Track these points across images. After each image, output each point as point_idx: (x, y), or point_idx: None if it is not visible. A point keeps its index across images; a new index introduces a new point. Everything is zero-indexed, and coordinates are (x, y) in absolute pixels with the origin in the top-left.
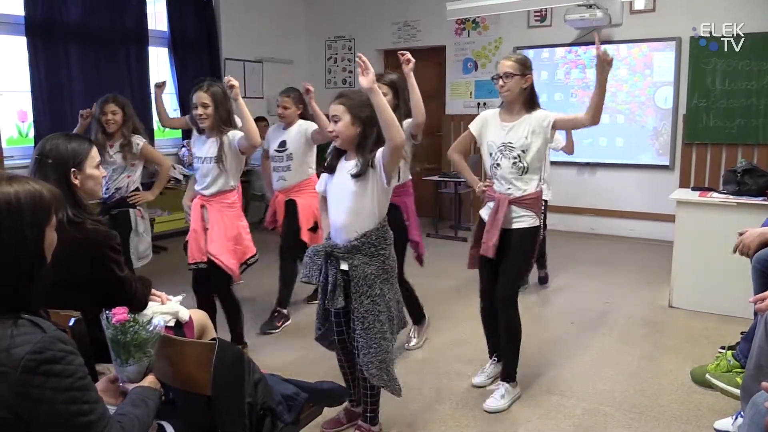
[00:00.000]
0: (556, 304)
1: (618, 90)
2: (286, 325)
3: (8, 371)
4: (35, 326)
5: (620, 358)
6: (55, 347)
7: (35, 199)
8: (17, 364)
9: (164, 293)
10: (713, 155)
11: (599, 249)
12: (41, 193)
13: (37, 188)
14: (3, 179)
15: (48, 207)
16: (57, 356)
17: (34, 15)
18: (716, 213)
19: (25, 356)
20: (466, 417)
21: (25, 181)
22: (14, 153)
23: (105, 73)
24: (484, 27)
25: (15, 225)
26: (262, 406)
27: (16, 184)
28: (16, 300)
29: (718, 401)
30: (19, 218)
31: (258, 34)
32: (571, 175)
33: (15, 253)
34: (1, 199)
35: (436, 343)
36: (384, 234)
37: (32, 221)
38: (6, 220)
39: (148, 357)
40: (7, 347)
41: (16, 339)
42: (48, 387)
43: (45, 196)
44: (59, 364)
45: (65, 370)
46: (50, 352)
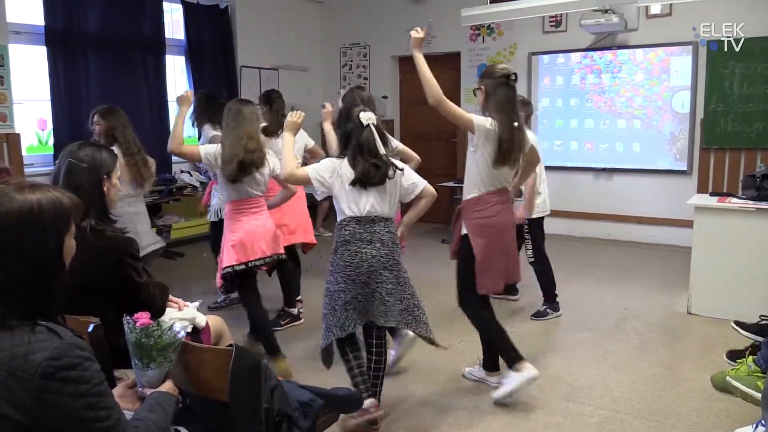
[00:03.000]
0: (572, 311)
1: (635, 95)
2: (294, 325)
3: (26, 377)
4: (52, 333)
5: (638, 365)
6: (72, 354)
7: (56, 207)
8: (35, 370)
9: (181, 299)
10: (732, 160)
11: (616, 255)
12: (62, 201)
13: (58, 196)
14: (25, 187)
15: (68, 215)
16: (74, 362)
17: (54, 25)
18: (735, 219)
19: (43, 363)
20: (483, 422)
21: (46, 189)
22: (34, 161)
23: (123, 81)
24: (498, 33)
25: (36, 233)
26: (279, 413)
27: (38, 192)
28: (35, 307)
29: (738, 409)
30: (40, 226)
31: (273, 41)
32: (588, 180)
33: (35, 261)
34: (23, 206)
35: (455, 351)
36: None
37: (53, 229)
38: (28, 228)
39: (168, 362)
40: (25, 354)
41: (33, 345)
42: (65, 393)
43: (65, 204)
44: (76, 371)
45: (82, 376)
46: (67, 358)
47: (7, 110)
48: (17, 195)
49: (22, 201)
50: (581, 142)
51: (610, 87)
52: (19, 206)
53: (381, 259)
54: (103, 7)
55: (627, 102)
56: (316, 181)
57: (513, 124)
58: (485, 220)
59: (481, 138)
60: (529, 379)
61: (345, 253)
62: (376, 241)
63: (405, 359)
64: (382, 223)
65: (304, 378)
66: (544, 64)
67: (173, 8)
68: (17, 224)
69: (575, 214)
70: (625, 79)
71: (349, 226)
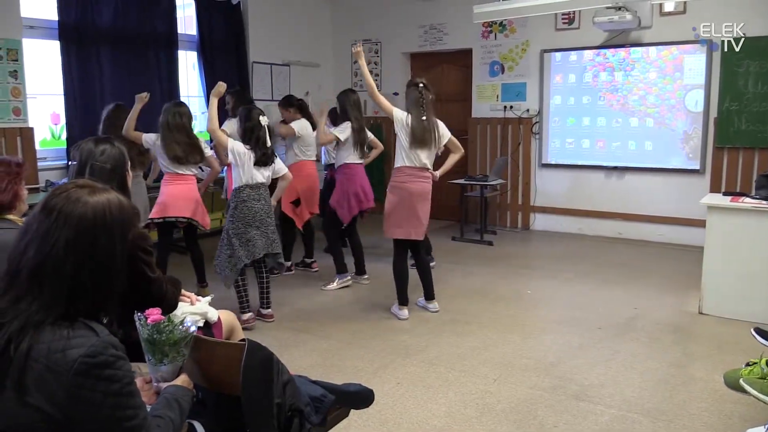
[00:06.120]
0: (583, 309)
1: (647, 93)
2: (285, 275)
3: (61, 372)
4: (90, 329)
5: (649, 365)
6: (107, 352)
7: (121, 209)
8: (70, 366)
9: (193, 294)
10: (745, 159)
11: (627, 254)
12: (124, 203)
13: (120, 198)
14: (96, 189)
15: (131, 217)
16: (108, 361)
17: (67, 20)
18: (748, 218)
19: (78, 359)
20: (492, 421)
21: (109, 191)
22: (47, 155)
23: (135, 76)
24: (511, 30)
25: (107, 235)
26: (291, 407)
27: (105, 194)
28: (92, 312)
29: (749, 409)
30: (111, 229)
31: (285, 37)
32: (600, 178)
33: (105, 263)
34: (97, 209)
35: (462, 346)
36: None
37: (120, 231)
38: (101, 231)
39: (182, 357)
40: (63, 348)
41: (71, 341)
42: (97, 390)
43: (126, 205)
44: (110, 369)
45: (115, 375)
46: (102, 356)
47: (21, 104)
48: (90, 198)
49: (95, 203)
50: (593, 140)
51: (622, 85)
52: (93, 209)
53: (265, 210)
54: (117, 2)
55: (640, 100)
56: (231, 152)
57: (422, 118)
58: (398, 184)
59: (397, 126)
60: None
61: (243, 208)
62: (261, 199)
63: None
64: (263, 189)
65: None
66: (556, 62)
67: (186, 3)
68: (92, 228)
69: (586, 213)
70: (638, 77)
71: (245, 191)
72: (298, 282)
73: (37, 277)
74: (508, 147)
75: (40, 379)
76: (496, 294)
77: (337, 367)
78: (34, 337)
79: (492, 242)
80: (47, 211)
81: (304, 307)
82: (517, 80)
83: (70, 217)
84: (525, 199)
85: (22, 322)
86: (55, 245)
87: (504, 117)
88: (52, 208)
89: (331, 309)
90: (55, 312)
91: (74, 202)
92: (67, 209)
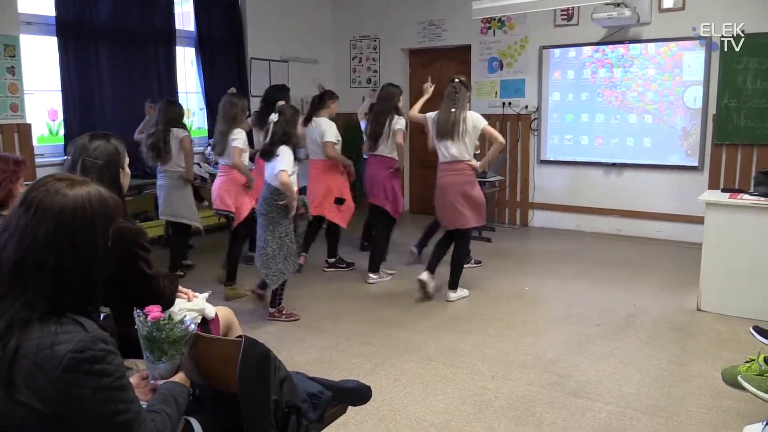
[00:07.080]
0: (581, 306)
1: (646, 89)
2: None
3: (50, 368)
4: (78, 324)
5: (647, 362)
6: (96, 347)
7: (102, 201)
8: (59, 362)
9: (190, 290)
10: (744, 156)
11: (626, 250)
12: (104, 195)
13: (101, 190)
14: (75, 182)
15: (112, 209)
16: (98, 356)
17: (65, 16)
18: (747, 215)
19: (67, 354)
20: (490, 417)
21: (89, 184)
22: (45, 151)
23: (134, 72)
24: (509, 26)
25: (88, 228)
26: (288, 404)
27: (85, 187)
28: (78, 306)
29: (747, 406)
30: (91, 221)
31: (284, 34)
32: (598, 175)
33: (87, 256)
34: (77, 201)
35: (460, 343)
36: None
37: (102, 224)
38: (81, 224)
39: (180, 355)
40: (51, 344)
41: (59, 337)
42: (87, 386)
43: (108, 197)
44: (99, 364)
45: (105, 370)
46: (91, 351)
47: (19, 101)
48: (69, 191)
49: (74, 196)
50: (592, 136)
51: (621, 81)
52: (73, 202)
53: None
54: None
55: (638, 97)
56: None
57: (451, 110)
58: (436, 179)
59: (430, 125)
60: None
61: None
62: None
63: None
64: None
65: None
66: (555, 58)
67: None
68: (72, 221)
69: (585, 209)
70: (637, 73)
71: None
72: (297, 279)
73: (18, 273)
74: (506, 143)
75: (29, 376)
76: (495, 291)
77: (335, 364)
78: (22, 334)
79: (490, 239)
80: (26, 206)
81: (302, 304)
82: (516, 77)
83: (49, 210)
84: (523, 195)
85: (8, 320)
86: (35, 240)
87: (503, 113)
88: (30, 203)
89: (329, 305)
90: (40, 308)
91: (53, 195)
92: (45, 203)
